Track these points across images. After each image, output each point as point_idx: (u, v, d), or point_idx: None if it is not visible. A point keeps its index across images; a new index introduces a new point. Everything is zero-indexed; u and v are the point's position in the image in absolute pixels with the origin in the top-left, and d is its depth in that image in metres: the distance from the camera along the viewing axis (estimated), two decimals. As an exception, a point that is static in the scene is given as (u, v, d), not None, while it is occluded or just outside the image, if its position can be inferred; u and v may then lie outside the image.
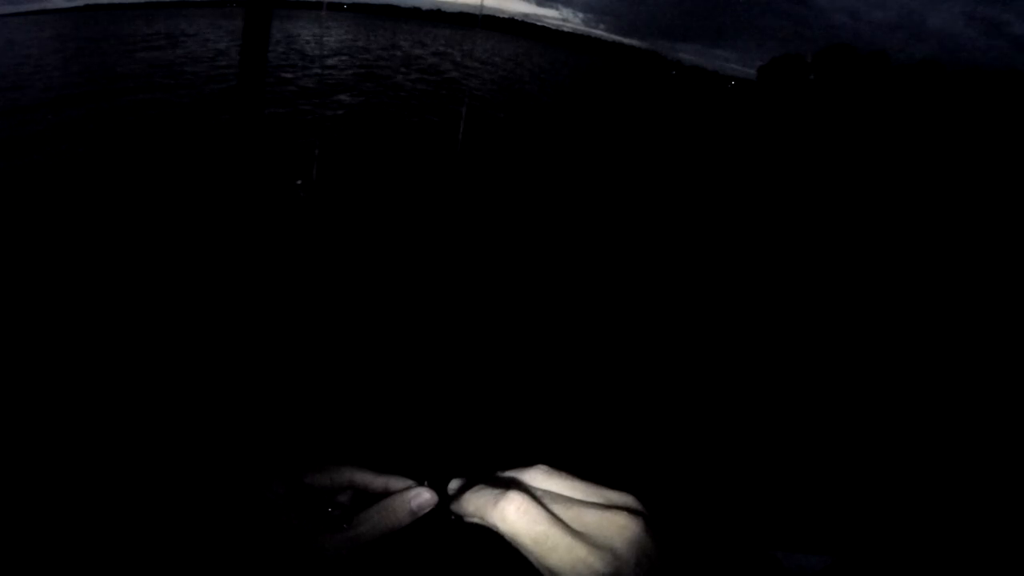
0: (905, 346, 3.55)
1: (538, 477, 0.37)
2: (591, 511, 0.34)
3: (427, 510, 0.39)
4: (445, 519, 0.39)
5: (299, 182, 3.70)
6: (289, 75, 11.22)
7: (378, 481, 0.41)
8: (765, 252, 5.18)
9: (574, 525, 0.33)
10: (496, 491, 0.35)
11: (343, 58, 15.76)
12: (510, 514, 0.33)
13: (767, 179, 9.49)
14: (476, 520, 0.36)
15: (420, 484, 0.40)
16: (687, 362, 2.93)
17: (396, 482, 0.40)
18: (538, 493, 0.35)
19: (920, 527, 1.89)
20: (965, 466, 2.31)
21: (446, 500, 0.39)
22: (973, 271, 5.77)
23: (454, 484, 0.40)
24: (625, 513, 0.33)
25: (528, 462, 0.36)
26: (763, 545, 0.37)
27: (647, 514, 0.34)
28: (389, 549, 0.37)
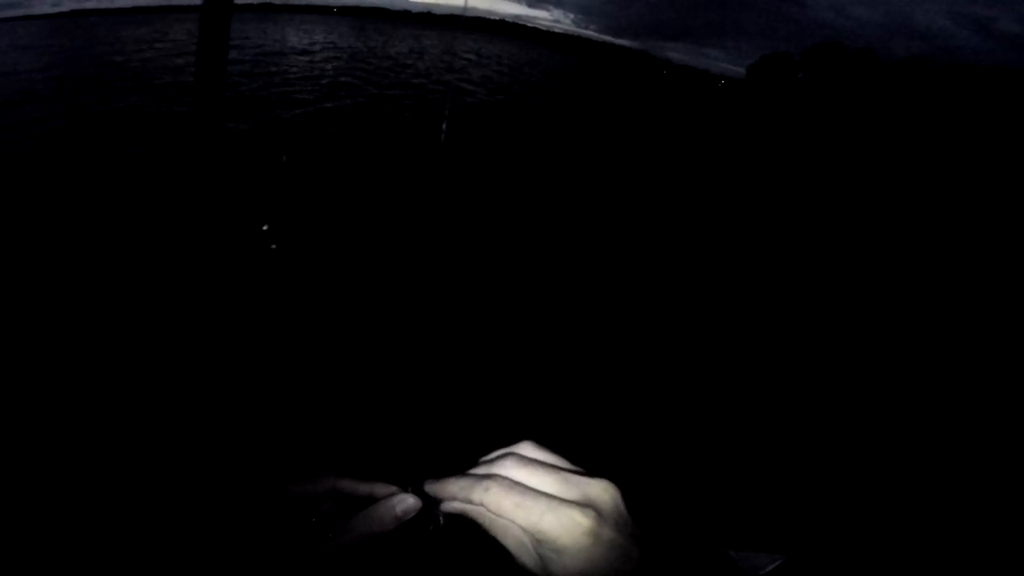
0: (879, 343, 3.54)
1: (527, 448, 0.39)
2: (575, 475, 0.36)
3: (412, 515, 0.39)
4: (429, 524, 0.39)
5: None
6: (257, 84, 11.08)
7: (362, 488, 0.41)
8: (755, 249, 5.16)
9: (560, 485, 0.35)
10: (478, 476, 0.37)
11: (326, 63, 15.62)
12: (493, 487, 0.35)
13: (757, 176, 9.49)
14: (458, 505, 0.37)
15: (404, 490, 0.40)
16: (656, 359, 2.88)
17: (380, 488, 0.40)
18: (527, 460, 0.37)
19: (872, 529, 1.86)
20: (917, 468, 2.29)
21: (430, 505, 0.39)
22: (962, 263, 5.79)
23: (430, 483, 0.39)
24: (605, 480, 0.36)
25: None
26: (717, 543, 0.38)
27: (622, 487, 0.36)
28: (374, 556, 0.37)
